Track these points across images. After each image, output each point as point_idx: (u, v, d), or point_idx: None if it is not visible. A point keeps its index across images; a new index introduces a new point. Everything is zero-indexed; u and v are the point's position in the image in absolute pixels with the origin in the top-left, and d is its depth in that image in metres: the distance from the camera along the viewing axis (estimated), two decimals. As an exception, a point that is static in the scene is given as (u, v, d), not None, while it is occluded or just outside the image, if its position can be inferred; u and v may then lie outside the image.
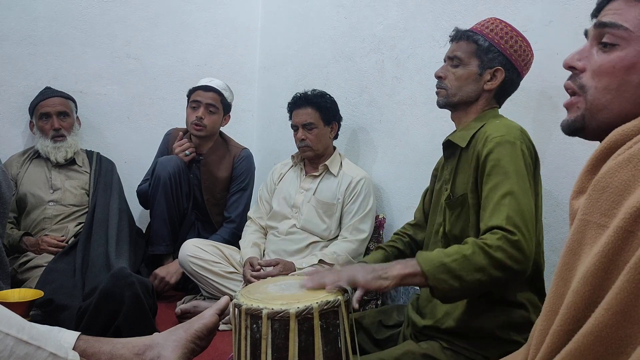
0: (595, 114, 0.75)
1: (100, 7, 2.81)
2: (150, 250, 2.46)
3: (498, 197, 1.15)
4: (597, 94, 0.75)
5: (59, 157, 2.40)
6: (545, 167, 1.62)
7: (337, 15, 2.59)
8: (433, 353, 1.24)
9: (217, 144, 2.61)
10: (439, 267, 1.08)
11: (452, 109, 1.43)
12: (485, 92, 1.37)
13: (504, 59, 1.35)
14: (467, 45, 1.37)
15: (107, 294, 1.72)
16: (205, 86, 2.51)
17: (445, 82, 1.40)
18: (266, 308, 0.93)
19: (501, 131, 1.23)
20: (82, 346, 1.01)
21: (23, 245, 2.24)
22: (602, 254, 0.57)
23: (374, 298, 2.19)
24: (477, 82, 1.36)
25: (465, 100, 1.38)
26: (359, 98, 2.46)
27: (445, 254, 1.10)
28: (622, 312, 0.53)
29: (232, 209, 2.58)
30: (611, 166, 0.61)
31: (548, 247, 1.61)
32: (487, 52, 1.35)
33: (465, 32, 1.39)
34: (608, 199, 0.60)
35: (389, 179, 2.31)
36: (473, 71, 1.36)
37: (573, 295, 0.59)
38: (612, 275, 0.56)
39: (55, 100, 2.45)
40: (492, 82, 1.37)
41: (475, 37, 1.36)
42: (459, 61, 1.38)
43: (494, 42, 1.35)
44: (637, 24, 0.72)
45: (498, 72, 1.36)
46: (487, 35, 1.36)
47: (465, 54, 1.37)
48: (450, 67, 1.40)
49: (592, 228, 0.61)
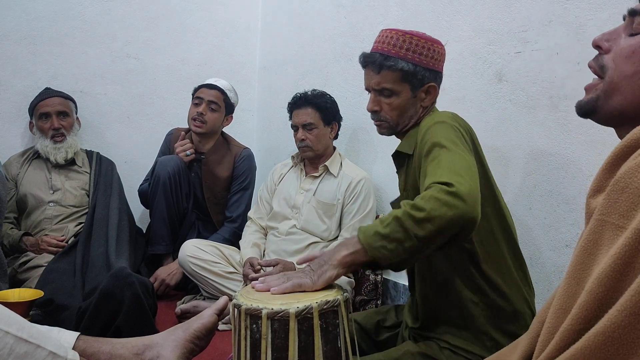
0: (609, 97, 0.75)
1: (100, 7, 2.81)
2: (150, 250, 2.47)
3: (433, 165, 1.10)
4: (615, 77, 0.74)
5: (59, 157, 2.40)
6: (545, 167, 1.63)
7: (337, 15, 2.60)
8: (432, 353, 1.25)
9: (219, 144, 2.61)
10: (375, 236, 1.02)
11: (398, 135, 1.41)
12: (423, 108, 1.37)
13: (431, 73, 1.33)
14: (392, 75, 1.31)
15: (107, 294, 1.72)
16: (209, 84, 2.54)
17: (382, 115, 1.36)
18: (266, 308, 0.93)
19: (432, 119, 1.24)
20: (81, 346, 1.01)
21: (23, 245, 2.24)
22: (619, 256, 0.56)
23: (374, 298, 2.19)
24: (414, 104, 1.35)
25: (407, 124, 1.37)
26: (359, 98, 2.46)
27: (380, 221, 1.05)
28: (635, 314, 0.53)
29: (233, 208, 2.59)
30: (631, 166, 0.61)
31: (548, 247, 1.61)
32: (415, 75, 1.31)
33: (383, 61, 1.31)
34: (627, 200, 0.59)
35: (389, 179, 2.31)
36: (407, 96, 1.33)
37: (586, 296, 0.58)
38: (628, 278, 0.55)
39: (55, 100, 2.45)
40: (428, 98, 1.35)
41: (398, 64, 1.30)
42: (390, 92, 1.33)
43: (415, 61, 1.30)
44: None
45: (431, 89, 1.34)
46: (406, 57, 1.30)
47: (394, 84, 1.32)
48: (383, 97, 1.34)
49: (610, 229, 0.60)
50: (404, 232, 1.00)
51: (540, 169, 1.63)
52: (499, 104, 1.74)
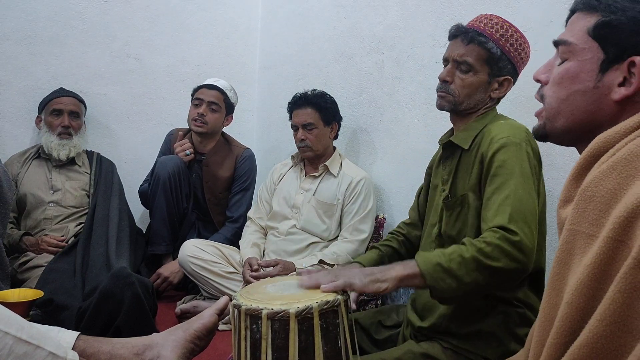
0: (553, 121, 0.82)
1: (100, 7, 2.81)
2: (150, 250, 2.47)
3: (501, 198, 1.14)
4: (552, 103, 0.81)
5: (62, 154, 2.40)
6: (545, 168, 1.62)
7: (337, 15, 2.59)
8: (433, 353, 1.24)
9: (220, 144, 2.61)
10: (436, 267, 1.07)
11: (455, 114, 1.39)
12: (491, 99, 1.35)
13: (512, 67, 1.32)
14: (479, 51, 1.29)
15: (107, 294, 1.72)
16: (209, 84, 2.54)
17: (452, 88, 1.32)
18: (266, 308, 0.93)
19: (507, 132, 1.22)
20: (81, 346, 1.01)
21: (23, 245, 2.24)
22: (594, 265, 0.57)
23: (374, 298, 2.19)
24: (485, 91, 1.32)
25: (471, 108, 1.34)
26: (359, 98, 2.46)
27: (443, 254, 1.09)
28: (615, 323, 0.53)
29: (235, 208, 2.59)
30: (596, 175, 0.62)
31: (548, 247, 1.60)
32: (498, 61, 1.30)
33: (476, 36, 1.29)
34: (595, 208, 0.60)
35: (389, 179, 2.31)
36: (483, 79, 1.31)
37: (567, 308, 0.59)
38: (604, 286, 0.56)
39: (69, 100, 2.50)
40: (499, 91, 1.34)
41: (488, 44, 1.28)
42: (469, 67, 1.30)
43: (505, 50, 1.29)
44: (581, 37, 0.78)
45: (506, 82, 1.33)
46: (498, 41, 1.29)
47: (476, 61, 1.30)
48: (459, 72, 1.32)
49: (581, 238, 0.61)
50: (467, 273, 1.06)
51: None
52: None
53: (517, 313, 1.23)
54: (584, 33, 0.77)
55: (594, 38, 0.76)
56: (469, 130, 1.32)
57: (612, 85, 0.74)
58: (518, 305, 1.23)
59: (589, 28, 0.76)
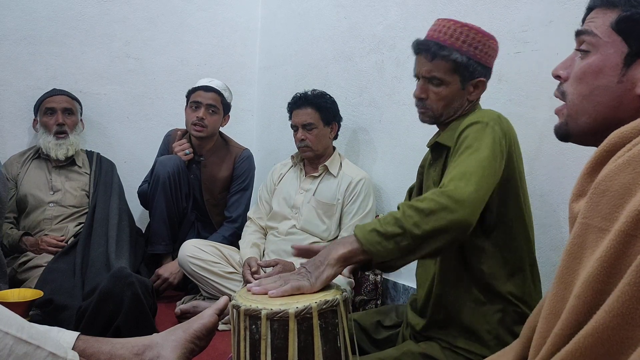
0: (576, 119, 0.79)
1: (100, 7, 2.81)
2: (150, 250, 2.47)
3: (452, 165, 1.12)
4: (575, 100, 0.79)
5: (60, 154, 2.40)
6: (545, 168, 1.63)
7: (337, 15, 2.59)
8: (432, 353, 1.24)
9: (218, 145, 2.61)
10: (371, 232, 1.03)
11: (438, 124, 1.41)
12: (469, 102, 1.36)
13: (482, 68, 1.32)
14: (444, 65, 1.30)
15: (107, 294, 1.72)
16: (206, 87, 2.51)
17: (428, 103, 1.35)
18: (265, 308, 0.93)
19: (477, 116, 1.22)
20: (81, 346, 1.01)
21: (23, 245, 2.25)
22: (604, 259, 0.57)
23: (374, 298, 2.19)
24: (461, 97, 1.34)
25: (452, 115, 1.36)
26: (359, 98, 2.46)
27: (379, 220, 1.06)
28: (622, 315, 0.53)
29: (233, 208, 2.59)
30: (611, 169, 0.61)
31: (548, 246, 1.61)
32: (467, 67, 1.30)
33: (438, 51, 1.30)
34: (609, 203, 0.60)
35: (389, 179, 2.31)
36: (456, 88, 1.32)
37: (575, 300, 0.59)
38: (615, 279, 0.56)
39: (61, 98, 2.50)
40: (475, 93, 1.35)
41: (452, 55, 1.29)
42: (439, 81, 1.32)
43: (470, 54, 1.29)
44: (604, 30, 0.75)
45: (480, 83, 1.33)
46: (461, 49, 1.29)
47: (445, 74, 1.31)
48: (431, 86, 1.33)
49: (593, 232, 0.61)
50: (401, 230, 1.02)
51: (540, 168, 1.63)
52: (499, 104, 1.74)
53: (514, 311, 1.23)
54: (607, 27, 0.75)
55: (617, 32, 0.75)
56: (452, 130, 1.33)
57: (636, 80, 0.73)
58: (515, 303, 1.23)
59: (611, 22, 0.75)
